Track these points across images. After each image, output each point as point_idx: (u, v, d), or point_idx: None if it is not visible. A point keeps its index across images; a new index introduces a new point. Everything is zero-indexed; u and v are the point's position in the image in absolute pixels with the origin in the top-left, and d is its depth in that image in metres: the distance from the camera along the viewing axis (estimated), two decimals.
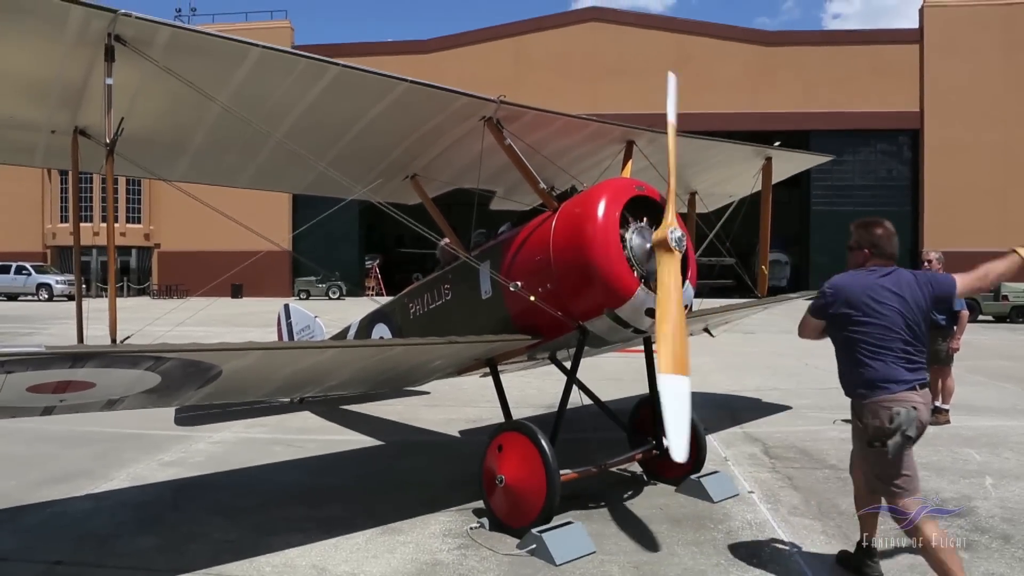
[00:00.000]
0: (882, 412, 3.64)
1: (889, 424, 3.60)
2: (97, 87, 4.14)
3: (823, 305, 3.90)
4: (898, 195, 38.68)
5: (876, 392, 3.68)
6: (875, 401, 3.68)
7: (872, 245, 3.92)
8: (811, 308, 3.99)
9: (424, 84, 4.96)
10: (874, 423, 3.67)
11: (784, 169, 8.14)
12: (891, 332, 3.69)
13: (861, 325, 3.73)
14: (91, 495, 5.74)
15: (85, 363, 3.47)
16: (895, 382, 3.65)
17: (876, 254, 3.91)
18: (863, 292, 3.76)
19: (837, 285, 3.87)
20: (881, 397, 3.66)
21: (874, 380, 3.69)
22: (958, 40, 37.05)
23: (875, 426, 3.66)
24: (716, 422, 8.08)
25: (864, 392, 3.73)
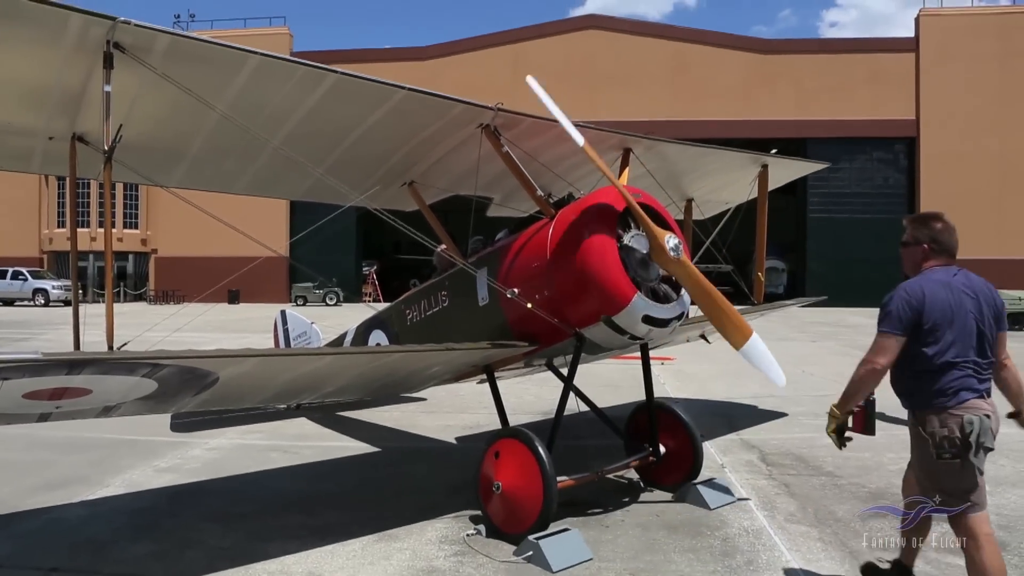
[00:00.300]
0: (951, 421, 3.37)
1: (960, 433, 3.34)
2: (95, 94, 4.16)
3: (911, 319, 3.42)
4: (894, 203, 38.72)
5: (947, 401, 3.40)
6: (945, 410, 3.40)
7: (932, 241, 3.60)
8: (891, 325, 3.44)
9: (422, 91, 4.98)
10: (942, 432, 3.38)
11: (780, 176, 8.17)
12: (968, 338, 3.44)
13: (942, 332, 3.41)
14: (87, 501, 5.72)
15: (82, 370, 3.48)
16: (966, 390, 3.40)
17: (937, 251, 3.60)
18: (946, 297, 3.44)
19: (920, 293, 3.45)
20: (951, 406, 3.39)
21: (945, 389, 3.40)
22: (954, 49, 37.23)
23: (943, 435, 3.38)
24: (713, 429, 8.08)
25: (934, 402, 3.42)
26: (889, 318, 3.45)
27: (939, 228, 3.63)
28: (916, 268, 3.68)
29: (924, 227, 3.66)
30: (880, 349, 3.46)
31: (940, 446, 3.39)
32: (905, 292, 3.48)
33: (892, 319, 3.44)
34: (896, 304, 3.46)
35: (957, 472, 3.38)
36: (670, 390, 10.93)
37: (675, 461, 5.72)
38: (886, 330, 3.45)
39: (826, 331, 21.78)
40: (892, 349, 3.44)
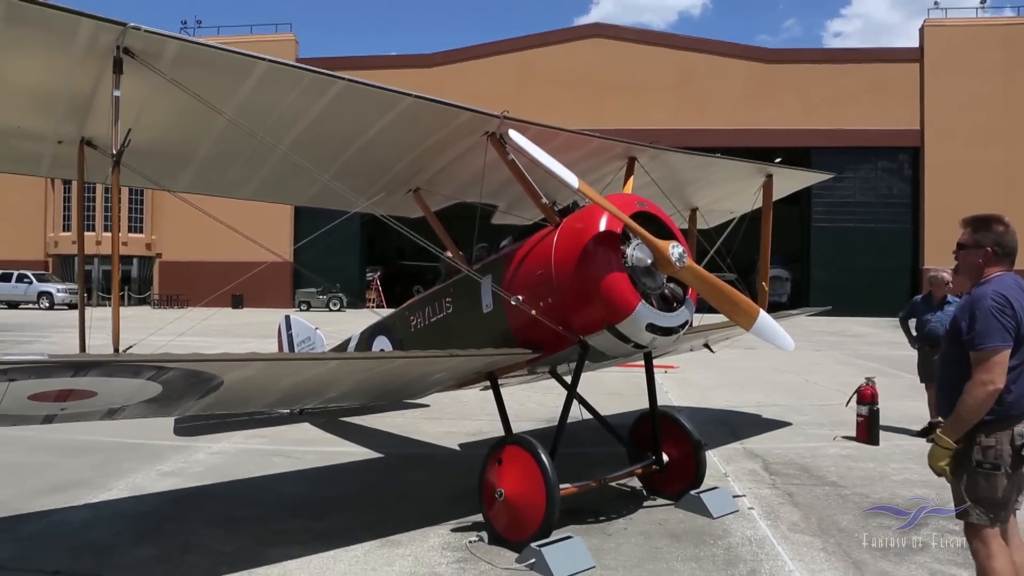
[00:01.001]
0: (1002, 434, 3.23)
1: (1014, 445, 3.21)
2: (104, 98, 4.19)
3: (1014, 327, 3.21)
4: (899, 212, 38.75)
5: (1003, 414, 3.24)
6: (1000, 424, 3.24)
7: (996, 244, 3.36)
8: (1000, 337, 3.18)
9: (428, 99, 5.00)
10: (987, 443, 3.23)
11: (785, 186, 8.18)
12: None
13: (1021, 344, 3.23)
14: (89, 505, 5.73)
15: (87, 372, 3.49)
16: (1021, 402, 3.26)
17: (1001, 255, 3.36)
18: (1020, 298, 3.25)
19: (1004, 295, 3.23)
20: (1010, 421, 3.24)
21: (1005, 400, 3.21)
22: (959, 59, 37.25)
23: (988, 446, 3.23)
24: (716, 438, 8.06)
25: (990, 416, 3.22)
26: (991, 331, 3.18)
27: (1002, 231, 3.39)
28: (976, 273, 3.42)
29: (987, 230, 3.41)
30: (995, 368, 3.16)
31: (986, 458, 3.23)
32: (993, 300, 3.22)
33: (996, 330, 3.18)
34: (990, 315, 3.19)
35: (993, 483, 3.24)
36: (673, 398, 10.92)
37: (678, 470, 5.71)
38: (994, 344, 3.17)
39: (830, 340, 21.74)
40: (1004, 362, 3.18)
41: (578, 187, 4.69)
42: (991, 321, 3.17)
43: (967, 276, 3.49)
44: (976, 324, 3.21)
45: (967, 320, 3.26)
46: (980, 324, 3.19)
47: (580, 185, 4.70)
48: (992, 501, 3.23)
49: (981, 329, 3.19)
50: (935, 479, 6.13)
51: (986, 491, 3.23)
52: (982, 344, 3.18)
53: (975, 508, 3.26)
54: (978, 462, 3.22)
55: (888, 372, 13.82)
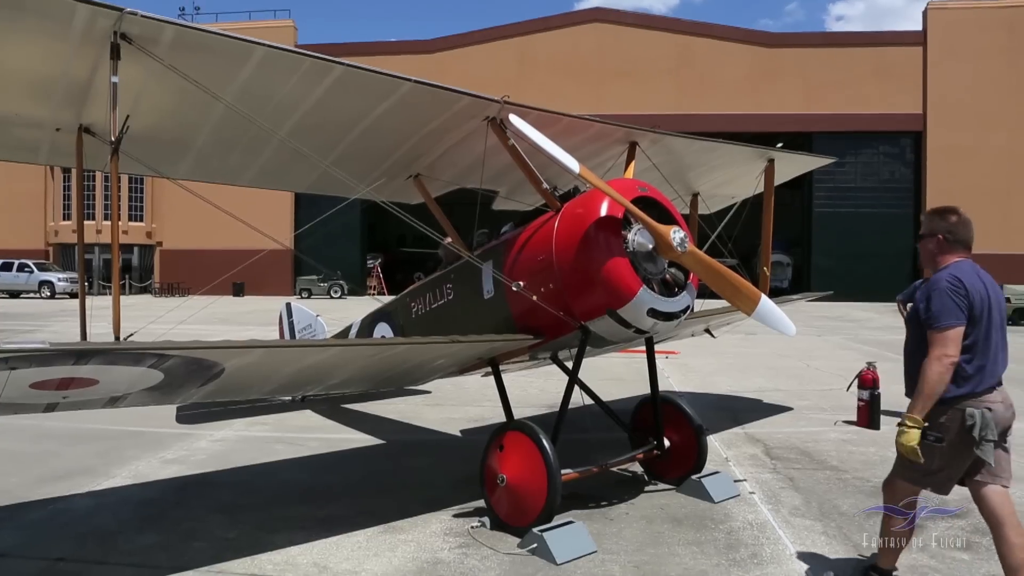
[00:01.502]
0: (954, 412, 3.48)
1: (962, 424, 3.45)
2: (102, 85, 4.16)
3: (967, 306, 3.45)
4: (900, 197, 38.65)
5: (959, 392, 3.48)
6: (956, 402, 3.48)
7: (948, 232, 3.65)
8: (954, 316, 3.42)
9: (428, 84, 4.97)
10: (940, 419, 3.48)
11: (787, 171, 8.14)
12: (991, 326, 3.53)
13: (978, 323, 3.48)
14: (93, 492, 5.76)
15: (89, 360, 3.49)
16: (981, 385, 3.50)
17: (951, 241, 3.64)
18: (974, 283, 3.51)
19: (961, 281, 3.48)
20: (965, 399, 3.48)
21: (960, 378, 3.47)
22: (962, 43, 37.01)
23: (939, 422, 3.48)
24: (717, 423, 8.08)
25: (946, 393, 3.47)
26: (946, 311, 3.43)
27: (955, 221, 3.67)
28: (931, 260, 3.71)
29: (941, 219, 3.70)
30: (948, 342, 3.41)
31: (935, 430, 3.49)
32: (949, 283, 3.47)
33: (950, 310, 3.43)
34: (946, 296, 3.45)
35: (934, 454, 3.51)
36: (674, 384, 10.94)
37: (679, 454, 5.72)
38: (948, 322, 3.41)
39: (831, 325, 21.76)
40: (958, 339, 3.43)
41: (579, 172, 4.66)
42: (945, 301, 3.44)
43: (926, 263, 3.77)
44: (932, 304, 3.47)
45: (924, 304, 3.52)
46: (935, 304, 3.45)
47: (581, 170, 4.67)
48: (925, 469, 3.49)
49: (936, 309, 3.45)
50: None
51: (923, 457, 3.44)
52: (937, 323, 3.43)
53: (904, 468, 3.58)
54: (925, 432, 3.46)
55: (889, 357, 13.83)
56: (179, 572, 4.19)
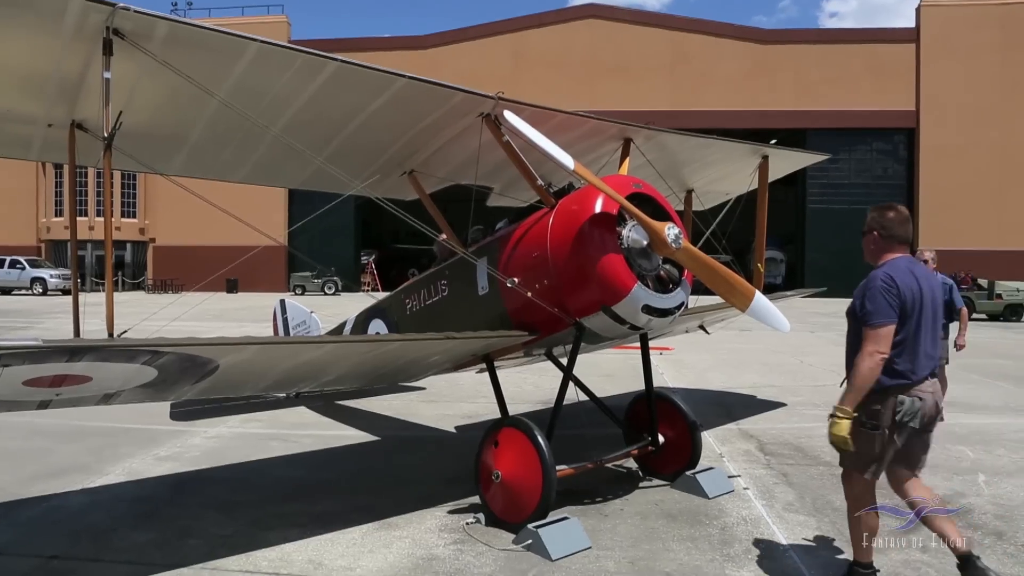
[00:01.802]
0: (887, 400, 3.62)
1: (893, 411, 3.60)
2: (95, 81, 4.14)
3: (898, 302, 3.61)
4: (894, 194, 38.68)
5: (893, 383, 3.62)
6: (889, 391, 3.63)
7: (881, 227, 3.81)
8: (884, 315, 3.58)
9: (422, 80, 4.95)
10: (874, 407, 3.63)
11: (780, 167, 8.15)
12: (923, 320, 3.67)
13: (909, 318, 3.64)
14: (87, 490, 5.74)
15: (82, 357, 3.47)
16: (911, 376, 3.63)
17: (886, 237, 3.80)
18: (907, 280, 3.65)
19: (894, 280, 3.64)
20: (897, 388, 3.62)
21: (894, 370, 3.61)
22: (955, 40, 37.14)
23: (874, 410, 3.63)
24: (711, 419, 8.10)
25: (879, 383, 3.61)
26: (877, 310, 3.60)
27: (892, 217, 3.82)
28: (872, 255, 3.89)
29: (879, 216, 3.85)
30: (880, 339, 3.57)
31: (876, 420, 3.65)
32: (882, 281, 3.64)
33: (882, 308, 3.59)
34: (879, 294, 3.61)
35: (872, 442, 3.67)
36: (669, 380, 10.96)
37: (674, 450, 5.74)
38: (880, 320, 3.58)
39: (825, 321, 21.83)
40: (889, 336, 3.59)
41: (573, 168, 4.66)
42: (878, 299, 3.60)
43: (868, 258, 3.94)
44: (867, 303, 3.64)
45: (860, 299, 3.69)
46: (869, 303, 3.63)
47: (575, 166, 4.67)
48: (870, 456, 3.67)
49: (870, 307, 3.62)
50: (929, 458, 6.16)
51: (864, 447, 3.65)
52: (870, 320, 3.60)
53: (850, 458, 3.71)
54: (862, 422, 3.63)
55: None
56: (174, 569, 4.18)
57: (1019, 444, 7.19)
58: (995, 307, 23.38)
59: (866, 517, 3.80)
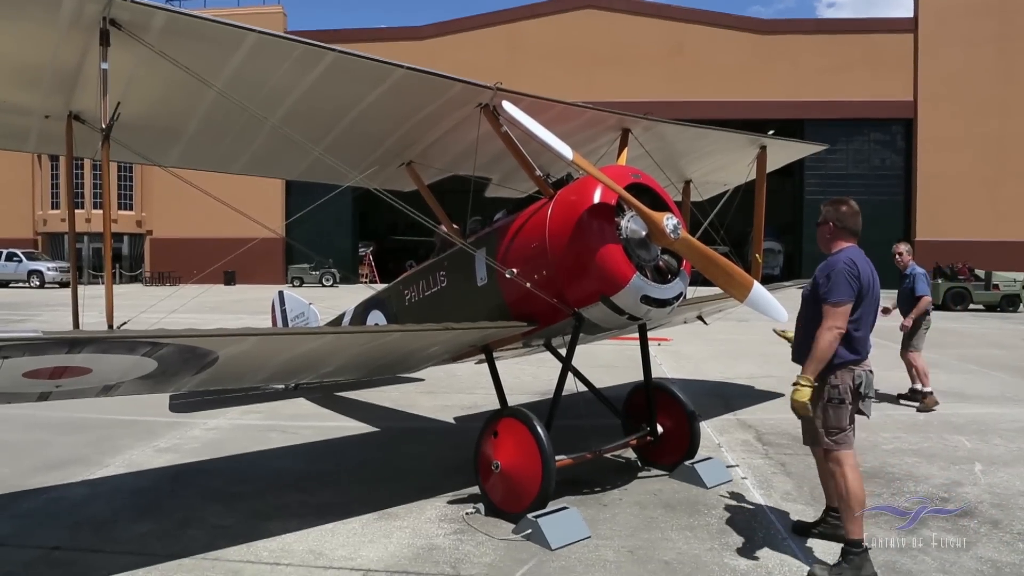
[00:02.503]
0: (845, 375, 4.03)
1: (854, 384, 4.03)
2: (92, 72, 4.12)
3: (857, 287, 4.01)
4: (891, 184, 38.78)
5: (848, 359, 4.03)
6: (845, 367, 4.03)
7: (836, 220, 4.21)
8: (845, 294, 3.97)
9: (420, 70, 4.94)
10: (835, 382, 4.02)
11: (778, 158, 8.15)
12: (871, 307, 4.12)
13: (864, 300, 4.03)
14: (87, 481, 5.75)
15: (82, 349, 3.47)
16: (861, 353, 4.08)
17: (839, 228, 4.20)
18: (864, 268, 4.07)
19: (856, 264, 4.04)
20: (851, 364, 4.05)
21: (848, 349, 4.02)
22: (953, 30, 37.00)
23: (835, 385, 4.02)
24: (709, 409, 8.13)
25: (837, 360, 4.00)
26: (839, 288, 3.98)
27: (845, 211, 4.22)
28: (826, 244, 4.26)
29: (834, 209, 4.24)
30: (839, 316, 3.96)
31: (835, 395, 4.02)
32: (845, 264, 4.03)
33: (843, 288, 3.98)
34: (842, 275, 3.99)
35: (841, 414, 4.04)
36: (667, 370, 10.98)
37: (672, 440, 5.76)
38: (841, 299, 3.97)
39: None
40: (846, 314, 3.98)
41: (572, 159, 4.65)
42: (841, 279, 3.98)
43: (822, 247, 4.31)
44: (830, 282, 4.01)
45: (824, 279, 4.05)
46: (833, 282, 4.00)
47: (574, 157, 4.66)
48: (839, 428, 4.03)
49: (833, 286, 3.99)
50: (925, 448, 6.22)
51: (834, 420, 4.03)
52: (833, 298, 3.97)
53: (829, 436, 4.03)
54: (829, 397, 4.02)
55: (880, 343, 13.89)
56: (174, 560, 4.20)
57: (1015, 433, 7.23)
58: (992, 297, 23.41)
59: (857, 490, 4.00)
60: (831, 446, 4.05)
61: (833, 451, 4.06)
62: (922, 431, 7.34)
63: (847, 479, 3.99)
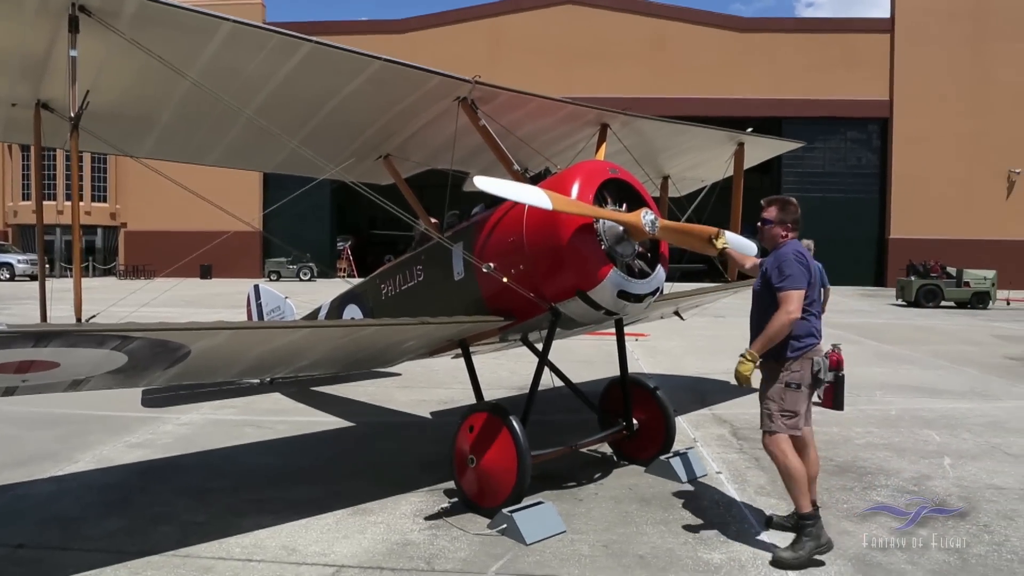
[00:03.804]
0: (805, 362, 4.23)
1: (812, 371, 4.24)
2: (60, 59, 4.04)
3: (807, 275, 4.22)
4: (867, 183, 39.28)
5: (806, 345, 4.24)
6: (804, 353, 4.23)
7: (794, 221, 4.42)
8: (799, 281, 4.17)
9: (398, 63, 4.90)
10: (796, 369, 4.22)
11: (756, 155, 8.20)
12: (818, 292, 4.41)
13: (812, 288, 4.27)
14: (55, 477, 5.65)
15: (49, 342, 3.41)
16: (816, 336, 4.31)
17: (794, 228, 4.43)
18: (811, 260, 4.33)
19: (803, 254, 4.29)
20: (809, 350, 4.24)
21: (806, 334, 4.24)
22: (928, 31, 37.50)
23: (795, 371, 4.22)
24: (685, 404, 8.18)
25: (798, 345, 4.22)
26: (793, 275, 4.18)
27: (794, 210, 4.44)
28: (772, 240, 4.44)
29: (783, 211, 4.42)
30: (795, 300, 4.15)
31: (793, 379, 4.22)
32: (795, 254, 4.25)
33: (797, 275, 4.18)
34: (794, 263, 4.20)
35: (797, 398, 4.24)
36: (644, 366, 11.03)
37: (648, 435, 5.78)
38: (796, 286, 4.17)
39: None
40: (801, 300, 4.17)
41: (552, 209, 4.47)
42: (794, 268, 4.19)
43: (767, 242, 4.50)
44: (784, 271, 4.20)
45: (776, 271, 4.24)
46: (787, 271, 4.19)
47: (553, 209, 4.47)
48: (794, 412, 4.22)
49: (788, 274, 4.18)
50: (897, 442, 6.31)
51: (790, 404, 4.22)
52: (787, 286, 4.17)
53: (782, 419, 4.21)
54: (787, 382, 4.22)
55: (853, 339, 14.10)
56: (145, 557, 4.14)
57: (983, 428, 7.35)
58: (963, 294, 23.80)
59: (800, 469, 4.20)
60: (781, 429, 4.22)
61: (779, 433, 4.23)
62: (893, 426, 7.45)
63: (790, 459, 4.19)
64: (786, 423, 4.23)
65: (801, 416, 4.26)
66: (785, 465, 4.20)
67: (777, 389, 4.25)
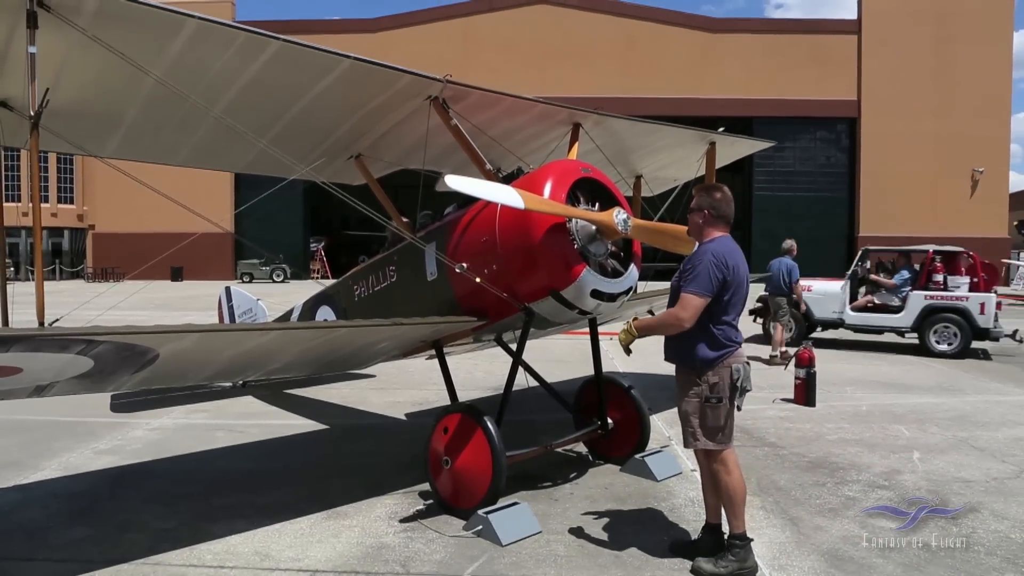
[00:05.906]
0: (723, 371, 3.90)
1: (732, 380, 3.89)
2: (19, 55, 3.93)
3: (720, 279, 3.84)
4: (836, 181, 39.87)
5: (723, 352, 3.90)
6: (721, 361, 3.90)
7: (712, 207, 4.04)
8: (703, 287, 3.81)
9: (368, 61, 4.85)
10: (713, 380, 3.90)
11: (727, 154, 8.26)
12: (742, 295, 3.98)
13: (732, 291, 3.90)
14: (19, 486, 5.51)
15: (10, 347, 3.31)
16: (735, 342, 3.96)
17: (715, 216, 4.04)
18: (734, 258, 3.93)
19: (724, 260, 3.87)
20: (727, 357, 3.91)
21: (723, 341, 3.91)
22: (894, 32, 38.18)
23: (714, 383, 3.89)
24: (660, 402, 8.20)
25: (714, 354, 3.90)
26: (699, 280, 3.81)
27: (719, 198, 4.06)
28: (698, 232, 4.09)
29: (707, 196, 4.07)
30: (690, 306, 3.82)
31: (713, 392, 3.89)
32: (713, 257, 3.85)
33: (703, 281, 3.81)
34: (707, 268, 3.82)
35: (720, 413, 3.92)
36: (618, 365, 11.06)
37: (623, 434, 5.80)
38: (700, 291, 3.81)
39: None
40: (699, 308, 3.82)
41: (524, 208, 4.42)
42: (703, 273, 3.81)
43: (694, 235, 4.15)
44: (694, 271, 3.85)
45: (688, 268, 3.90)
46: (696, 273, 3.84)
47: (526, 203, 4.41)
48: (717, 428, 3.91)
49: (695, 276, 3.84)
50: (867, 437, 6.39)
51: (712, 421, 3.90)
52: (690, 287, 3.83)
53: (709, 437, 3.91)
54: (706, 397, 3.89)
55: (824, 337, 14.29)
56: (113, 565, 4.05)
57: (950, 422, 7.48)
58: None
59: (742, 487, 3.99)
60: (712, 447, 3.94)
61: (714, 451, 3.96)
62: (864, 421, 7.55)
63: (731, 476, 3.95)
64: (714, 440, 3.93)
65: (722, 431, 3.94)
66: (726, 481, 3.95)
67: (695, 405, 3.94)
